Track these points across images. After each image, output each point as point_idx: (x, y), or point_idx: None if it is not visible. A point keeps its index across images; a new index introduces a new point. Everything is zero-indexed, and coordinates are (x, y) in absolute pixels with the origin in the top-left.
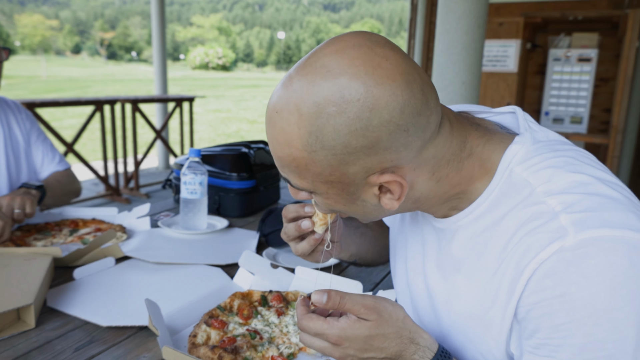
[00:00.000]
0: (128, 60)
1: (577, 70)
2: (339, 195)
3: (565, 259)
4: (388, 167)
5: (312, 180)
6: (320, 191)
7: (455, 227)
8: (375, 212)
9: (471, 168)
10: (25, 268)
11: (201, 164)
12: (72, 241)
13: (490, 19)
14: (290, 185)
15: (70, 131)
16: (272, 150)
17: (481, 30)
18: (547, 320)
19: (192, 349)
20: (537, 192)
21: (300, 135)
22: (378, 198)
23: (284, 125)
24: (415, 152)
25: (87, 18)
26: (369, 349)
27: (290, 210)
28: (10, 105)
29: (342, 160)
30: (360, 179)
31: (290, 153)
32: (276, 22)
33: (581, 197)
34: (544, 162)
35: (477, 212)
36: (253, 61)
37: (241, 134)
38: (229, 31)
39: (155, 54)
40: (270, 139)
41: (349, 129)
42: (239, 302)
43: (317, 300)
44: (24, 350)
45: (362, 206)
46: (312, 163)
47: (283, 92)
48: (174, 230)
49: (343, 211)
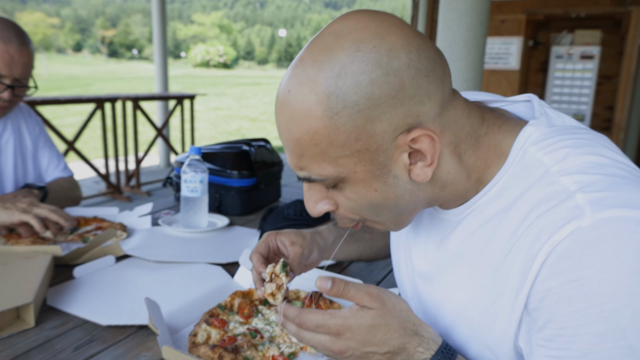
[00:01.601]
0: (129, 58)
1: (580, 68)
2: (369, 173)
3: (582, 240)
4: (414, 124)
5: (337, 157)
6: (346, 173)
7: (462, 217)
8: (408, 197)
9: (487, 149)
10: (25, 266)
11: (202, 162)
12: (73, 239)
13: (492, 16)
14: (309, 192)
15: (72, 129)
16: (288, 137)
17: (483, 28)
18: (562, 308)
19: (192, 348)
20: (552, 172)
21: (319, 101)
22: (409, 172)
23: (299, 99)
24: (438, 107)
25: (88, 16)
26: (371, 342)
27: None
28: (22, 109)
29: (367, 117)
30: (388, 140)
31: (310, 127)
32: (277, 20)
33: (598, 177)
34: (560, 142)
35: (486, 198)
36: (254, 59)
37: (242, 132)
38: (230, 29)
39: (156, 51)
40: (283, 124)
41: (369, 78)
42: (240, 301)
43: (321, 286)
44: (24, 349)
45: (394, 188)
46: (336, 130)
47: (293, 72)
48: (174, 228)
49: (373, 205)
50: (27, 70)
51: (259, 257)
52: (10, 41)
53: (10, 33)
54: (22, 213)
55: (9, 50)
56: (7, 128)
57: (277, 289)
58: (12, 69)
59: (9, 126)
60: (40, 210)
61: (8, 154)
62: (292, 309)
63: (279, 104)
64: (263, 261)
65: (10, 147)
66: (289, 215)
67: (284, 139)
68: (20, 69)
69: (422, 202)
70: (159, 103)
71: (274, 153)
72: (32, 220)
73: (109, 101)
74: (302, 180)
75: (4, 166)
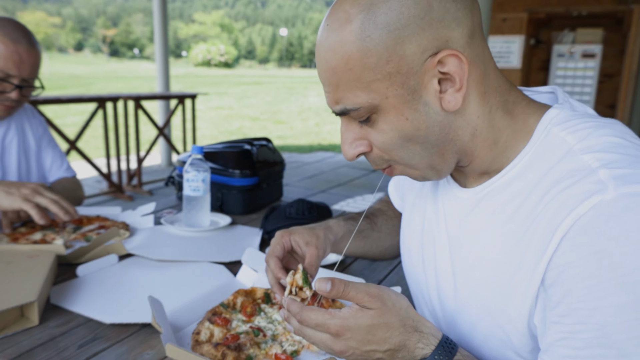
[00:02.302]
0: (130, 57)
1: (581, 66)
2: (400, 98)
3: (604, 213)
4: (443, 47)
5: (370, 81)
6: (379, 100)
7: (481, 196)
8: (438, 130)
9: (515, 120)
10: (28, 265)
11: (204, 161)
12: (76, 238)
13: (494, 15)
14: (345, 134)
15: (73, 128)
16: (326, 68)
17: (485, 26)
18: (581, 281)
19: (196, 346)
20: (574, 150)
21: (352, 28)
22: (440, 101)
23: (336, 29)
24: (466, 36)
25: (90, 15)
26: (372, 340)
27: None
28: (26, 109)
29: (397, 38)
30: (418, 63)
31: (344, 52)
32: (278, 19)
33: (620, 156)
34: (583, 124)
35: (508, 176)
36: (255, 58)
37: (243, 131)
38: (231, 28)
39: (158, 51)
40: (322, 57)
41: (399, 0)
42: (242, 300)
43: (320, 287)
44: (28, 347)
45: (424, 117)
46: (368, 52)
47: (331, 9)
48: (177, 227)
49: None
50: (34, 70)
51: (277, 262)
52: (19, 42)
53: (19, 34)
54: (23, 201)
55: (19, 50)
56: (11, 128)
57: (302, 301)
58: (21, 69)
59: (13, 126)
60: (42, 200)
61: (12, 153)
62: (295, 304)
63: (319, 39)
64: (281, 266)
65: (14, 146)
66: (291, 214)
67: (323, 73)
68: (29, 70)
69: (451, 144)
70: (160, 102)
71: (276, 152)
72: (32, 210)
73: (111, 100)
74: (339, 115)
75: (7, 166)
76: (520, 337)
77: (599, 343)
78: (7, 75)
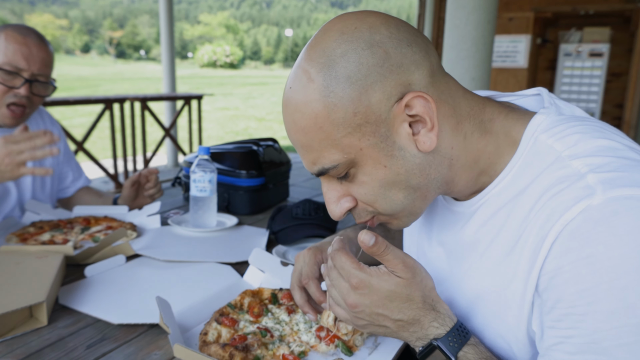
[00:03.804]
0: (136, 58)
1: (589, 66)
2: (374, 147)
3: (593, 218)
4: (407, 92)
5: (341, 137)
6: (354, 153)
7: (475, 208)
8: (418, 172)
9: (496, 136)
10: (37, 266)
11: (210, 161)
12: (84, 239)
13: (500, 14)
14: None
15: (80, 130)
16: (295, 130)
17: (491, 26)
18: (572, 286)
19: (203, 346)
20: (563, 157)
21: (315, 86)
22: (415, 144)
23: (299, 90)
24: (428, 76)
25: (96, 17)
26: (387, 306)
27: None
28: (45, 117)
29: (361, 88)
30: (385, 110)
31: (311, 111)
32: (283, 20)
33: (609, 159)
34: (570, 129)
35: (499, 188)
36: (260, 59)
37: (249, 132)
38: (236, 29)
39: (164, 52)
40: (290, 119)
41: (355, 53)
42: (250, 300)
43: (365, 239)
44: (37, 348)
45: (402, 161)
46: (334, 108)
47: (293, 73)
48: (183, 228)
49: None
50: (45, 67)
51: (317, 284)
52: (28, 35)
53: (29, 31)
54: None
55: (27, 43)
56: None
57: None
58: (30, 62)
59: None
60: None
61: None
62: (340, 243)
63: (284, 103)
64: (320, 287)
65: None
66: (298, 214)
67: (293, 135)
68: (39, 64)
69: (433, 183)
70: (166, 103)
71: (282, 152)
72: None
73: (118, 102)
74: (318, 176)
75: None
76: (521, 346)
77: (590, 349)
78: (17, 68)
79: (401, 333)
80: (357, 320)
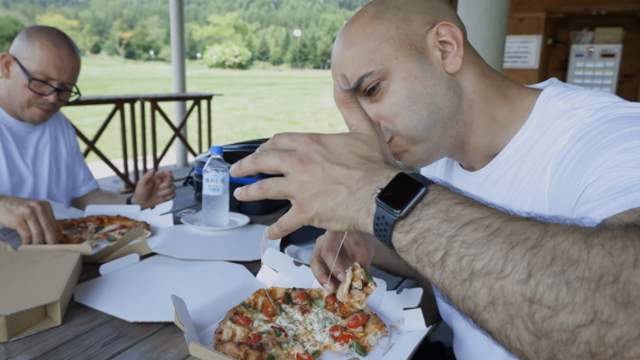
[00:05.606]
0: (146, 59)
1: (600, 66)
2: (409, 58)
3: (596, 121)
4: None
5: (383, 45)
6: (390, 62)
7: (489, 173)
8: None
9: (511, 101)
10: (53, 264)
11: (223, 161)
12: (98, 238)
13: (511, 15)
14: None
15: (91, 129)
16: (345, 48)
17: (502, 26)
18: (589, 155)
19: (218, 345)
20: (569, 109)
21: (368, 14)
22: (442, 66)
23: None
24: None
25: (106, 18)
26: (343, 155)
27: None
28: (60, 119)
29: (405, 13)
30: (422, 33)
31: (361, 24)
32: (292, 20)
33: (614, 109)
34: (578, 92)
35: (512, 149)
36: (269, 59)
37: (258, 132)
38: (245, 29)
39: (174, 52)
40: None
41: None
42: (263, 299)
43: (341, 81)
44: (54, 345)
45: (431, 76)
46: (381, 24)
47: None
48: (196, 226)
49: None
50: (73, 76)
51: (334, 257)
52: (62, 47)
53: (62, 40)
54: (18, 223)
55: (61, 54)
56: (45, 133)
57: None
58: (61, 73)
59: (47, 132)
60: (34, 226)
61: (44, 159)
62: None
63: (339, 33)
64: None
65: (47, 152)
66: None
67: (340, 54)
68: (68, 74)
69: (454, 115)
70: (176, 103)
71: None
72: (22, 233)
73: (128, 102)
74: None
75: (39, 171)
76: None
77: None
78: (48, 77)
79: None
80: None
